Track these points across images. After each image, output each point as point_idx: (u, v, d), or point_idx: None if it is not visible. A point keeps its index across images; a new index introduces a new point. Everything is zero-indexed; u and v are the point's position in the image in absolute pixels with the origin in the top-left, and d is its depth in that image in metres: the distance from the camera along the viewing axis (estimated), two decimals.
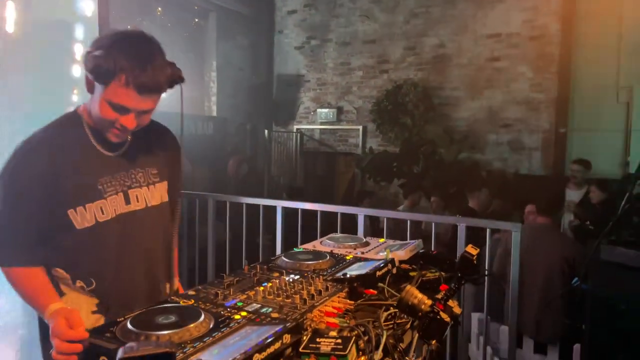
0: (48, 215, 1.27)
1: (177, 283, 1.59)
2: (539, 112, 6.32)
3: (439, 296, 1.10)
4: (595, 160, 5.81)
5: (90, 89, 1.30)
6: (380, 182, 6.78)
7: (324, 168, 8.55)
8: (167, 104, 1.59)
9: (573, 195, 4.84)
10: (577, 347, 2.77)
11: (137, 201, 1.39)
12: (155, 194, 1.44)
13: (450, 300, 1.09)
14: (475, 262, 1.13)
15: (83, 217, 1.29)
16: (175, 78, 1.30)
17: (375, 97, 7.18)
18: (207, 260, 3.60)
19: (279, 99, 8.34)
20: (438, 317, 1.06)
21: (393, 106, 6.84)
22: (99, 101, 1.26)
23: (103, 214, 1.32)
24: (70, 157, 1.29)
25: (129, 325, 1.04)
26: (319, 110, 7.94)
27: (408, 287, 1.16)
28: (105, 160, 1.35)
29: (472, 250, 1.12)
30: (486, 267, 2.43)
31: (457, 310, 1.08)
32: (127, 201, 1.37)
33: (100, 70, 1.20)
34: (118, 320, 1.11)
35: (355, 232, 2.85)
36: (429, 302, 1.12)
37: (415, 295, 1.14)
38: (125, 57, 1.21)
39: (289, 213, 3.26)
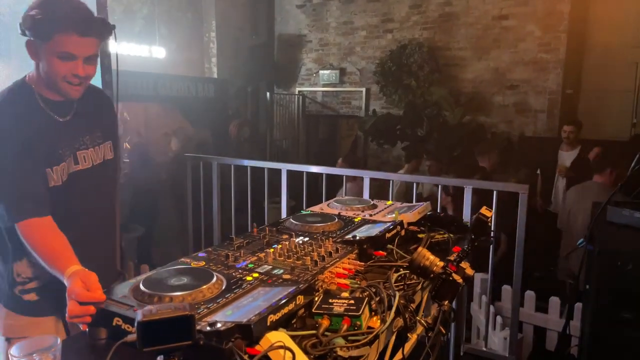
0: (33, 171, 1.37)
1: None
2: (547, 72, 6.18)
3: (452, 257, 1.09)
4: (603, 122, 5.74)
5: (34, 53, 1.36)
6: (383, 145, 6.72)
7: (326, 131, 8.47)
8: (159, 66, 1.62)
9: (565, 156, 4.84)
10: (578, 305, 2.81)
11: (85, 161, 1.51)
12: (99, 154, 1.55)
13: (462, 262, 1.09)
14: (490, 224, 1.12)
15: (51, 177, 1.42)
16: (105, 23, 1.40)
17: (379, 58, 7.01)
18: (212, 223, 3.62)
19: (280, 60, 8.16)
20: (450, 278, 1.05)
21: (397, 67, 6.68)
22: (47, 60, 1.34)
23: (64, 175, 1.44)
24: (31, 128, 1.38)
25: (142, 287, 1.05)
26: (321, 71, 7.78)
27: (420, 248, 1.16)
28: (60, 126, 1.45)
29: (487, 212, 1.11)
30: (492, 229, 2.42)
31: (469, 271, 1.08)
32: (76, 162, 1.48)
33: (39, 25, 1.29)
34: (130, 281, 1.12)
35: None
36: (441, 263, 1.12)
37: (427, 257, 1.14)
38: (59, 9, 1.30)
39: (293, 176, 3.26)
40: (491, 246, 2.55)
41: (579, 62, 6.15)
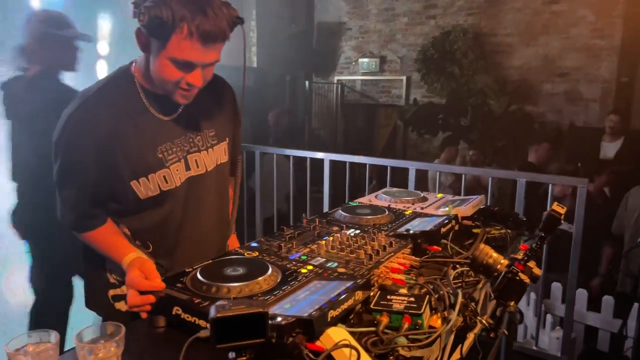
0: (109, 184, 1.21)
1: (234, 239, 1.58)
2: (600, 59, 5.87)
3: (519, 256, 1.03)
4: None
5: (145, 47, 1.15)
6: (424, 135, 6.60)
7: (364, 120, 8.39)
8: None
9: (608, 148, 4.58)
10: (635, 306, 2.67)
11: (197, 167, 1.30)
12: (213, 157, 1.34)
13: (529, 261, 1.03)
14: (562, 221, 1.05)
15: (147, 187, 1.22)
16: (234, 19, 1.15)
17: (421, 45, 6.85)
18: (255, 213, 3.65)
19: (319, 48, 8.11)
20: (517, 277, 1.00)
21: (440, 55, 6.51)
22: (160, 61, 1.11)
23: (167, 182, 1.24)
24: (126, 124, 1.19)
25: (199, 276, 1.05)
26: (360, 60, 7.68)
27: (481, 245, 1.10)
28: (162, 125, 1.23)
29: (559, 209, 1.04)
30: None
31: (537, 271, 1.02)
32: (187, 167, 1.28)
33: (158, 23, 1.05)
34: (186, 270, 1.12)
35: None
36: (505, 261, 1.07)
37: (490, 255, 1.08)
38: (181, 3, 1.05)
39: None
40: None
41: (635, 49, 5.79)
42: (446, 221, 1.46)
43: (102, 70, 2.56)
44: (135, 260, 1.17)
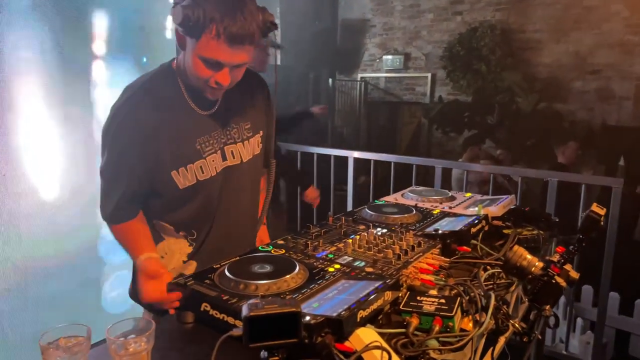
0: (151, 175, 1.27)
1: (264, 230, 1.60)
2: (634, 56, 5.66)
3: (555, 259, 1.00)
4: None
5: (182, 44, 1.21)
6: (449, 133, 6.49)
7: (388, 118, 8.31)
8: None
9: None
10: None
11: (233, 157, 1.37)
12: (248, 149, 1.40)
13: (566, 264, 0.99)
14: (602, 223, 1.01)
15: (185, 177, 1.28)
16: (268, 25, 1.19)
17: (447, 42, 6.73)
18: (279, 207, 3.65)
19: (343, 45, 8.07)
20: (553, 281, 0.96)
21: (466, 51, 6.38)
22: (192, 58, 1.18)
23: (203, 172, 1.31)
24: (169, 118, 1.26)
25: (227, 273, 1.05)
26: (384, 57, 7.60)
27: (515, 247, 1.07)
28: (200, 119, 1.30)
29: (599, 210, 1.00)
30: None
31: (573, 274, 0.98)
32: (224, 157, 1.35)
33: (189, 22, 1.11)
34: (214, 266, 1.12)
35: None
36: (540, 264, 1.03)
37: (524, 257, 1.05)
38: (214, 5, 1.10)
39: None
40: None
41: None
42: (476, 221, 1.43)
43: (100, 70, 2.48)
44: (142, 263, 1.23)
